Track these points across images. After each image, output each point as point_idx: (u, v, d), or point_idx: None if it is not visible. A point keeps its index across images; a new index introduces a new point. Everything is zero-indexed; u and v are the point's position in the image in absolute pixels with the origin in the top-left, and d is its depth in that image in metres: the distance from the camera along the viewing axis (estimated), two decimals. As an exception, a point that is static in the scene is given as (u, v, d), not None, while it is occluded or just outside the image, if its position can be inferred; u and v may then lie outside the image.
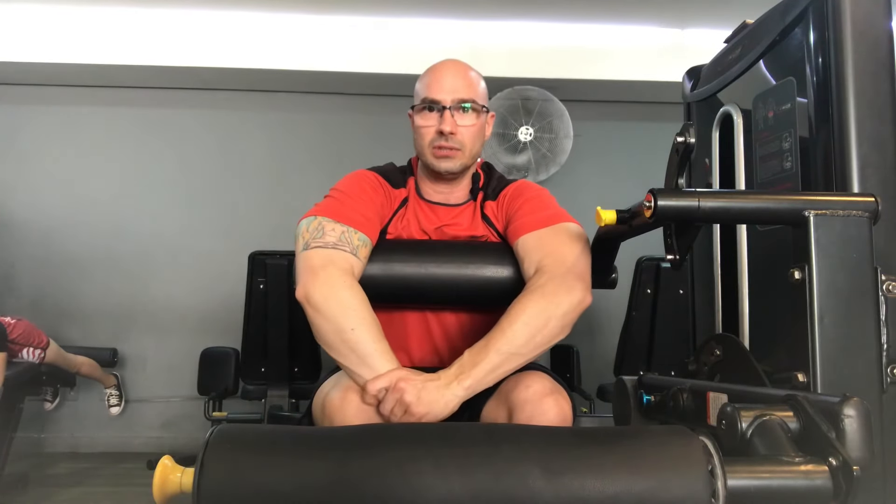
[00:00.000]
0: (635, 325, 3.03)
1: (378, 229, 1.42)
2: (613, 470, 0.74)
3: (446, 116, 1.43)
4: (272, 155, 4.22)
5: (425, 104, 1.46)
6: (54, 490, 3.15)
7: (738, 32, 1.54)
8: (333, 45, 3.87)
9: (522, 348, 1.22)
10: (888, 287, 1.01)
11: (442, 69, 1.48)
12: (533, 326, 1.23)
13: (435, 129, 1.44)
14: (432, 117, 1.45)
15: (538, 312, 1.24)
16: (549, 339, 1.26)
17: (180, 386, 3.97)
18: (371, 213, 1.41)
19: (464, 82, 1.46)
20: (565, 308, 1.26)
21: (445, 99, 1.43)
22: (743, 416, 0.82)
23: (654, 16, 3.81)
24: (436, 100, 1.44)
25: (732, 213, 1.05)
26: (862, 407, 0.79)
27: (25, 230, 4.06)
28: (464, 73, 1.48)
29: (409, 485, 0.72)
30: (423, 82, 1.48)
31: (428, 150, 1.46)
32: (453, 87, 1.45)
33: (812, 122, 1.23)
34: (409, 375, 1.20)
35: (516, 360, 1.23)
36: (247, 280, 3.03)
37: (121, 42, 3.79)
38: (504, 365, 1.22)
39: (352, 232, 1.34)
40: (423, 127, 1.46)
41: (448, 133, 1.43)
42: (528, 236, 1.39)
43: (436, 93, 1.44)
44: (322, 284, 1.26)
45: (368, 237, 1.37)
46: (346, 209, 1.38)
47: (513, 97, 4.02)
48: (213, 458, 0.75)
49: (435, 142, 1.44)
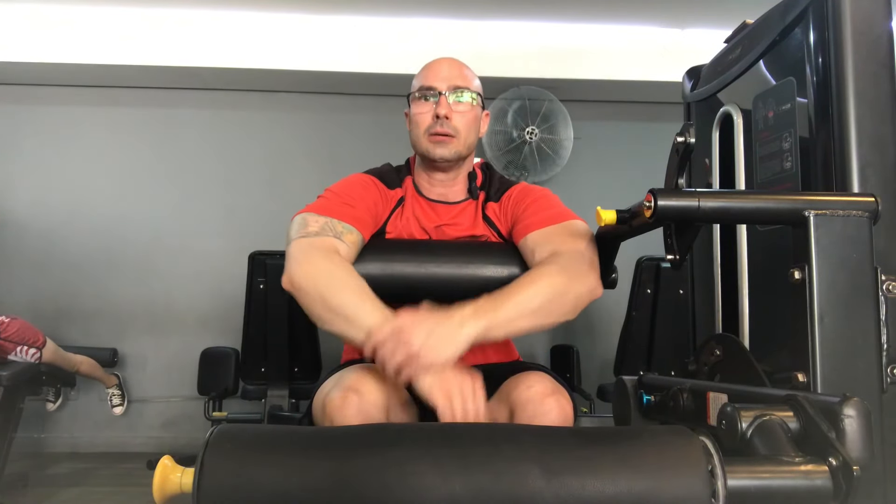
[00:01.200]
0: (635, 325, 3.03)
1: (369, 224, 1.42)
2: (613, 470, 0.74)
3: (442, 101, 1.45)
4: (272, 155, 4.22)
5: (421, 92, 1.48)
6: (54, 490, 3.15)
7: (738, 32, 1.54)
8: (333, 45, 3.88)
9: (538, 311, 1.20)
10: (888, 287, 1.01)
11: (438, 62, 1.51)
12: (551, 293, 1.21)
13: (431, 115, 1.46)
14: (428, 105, 1.47)
15: (558, 283, 1.22)
16: (560, 314, 1.23)
17: (180, 386, 3.97)
18: (360, 209, 1.40)
19: (459, 73, 1.49)
20: (581, 289, 1.25)
21: (441, 85, 1.46)
22: (743, 416, 0.82)
23: (654, 16, 3.81)
24: (432, 86, 1.46)
25: (732, 213, 1.05)
26: (862, 407, 0.79)
27: (25, 230, 4.06)
28: (459, 66, 1.51)
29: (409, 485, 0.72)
30: (419, 75, 1.52)
31: (424, 137, 1.47)
32: (449, 76, 1.47)
33: (812, 122, 1.23)
34: (413, 320, 1.12)
35: (529, 320, 1.20)
36: (247, 280, 3.03)
37: (121, 42, 3.79)
38: (518, 321, 1.19)
39: (335, 222, 1.35)
40: (418, 114, 1.48)
41: (443, 116, 1.44)
42: (537, 232, 1.39)
43: (432, 80, 1.47)
44: (302, 264, 1.26)
45: (355, 227, 1.36)
46: (331, 204, 1.39)
47: (517, 97, 4.02)
48: (213, 458, 0.75)
49: (431, 128, 1.46)
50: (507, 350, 1.56)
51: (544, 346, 3.93)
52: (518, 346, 1.60)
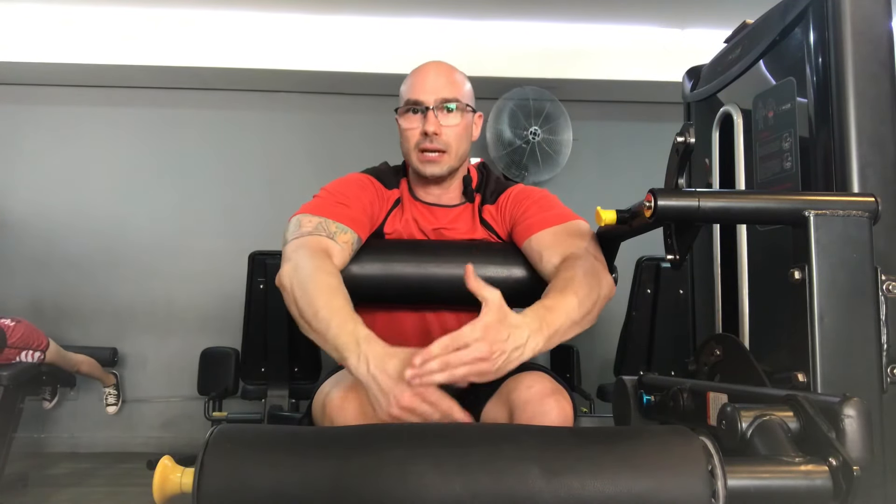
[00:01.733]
0: (635, 325, 3.03)
1: (365, 224, 1.41)
2: (613, 470, 0.74)
3: (430, 117, 1.42)
4: (272, 154, 4.22)
5: (409, 106, 1.45)
6: (54, 490, 3.15)
7: (738, 32, 1.54)
8: (333, 45, 3.87)
9: (581, 320, 1.15)
10: (888, 287, 1.01)
11: (425, 70, 1.47)
12: (588, 301, 1.17)
13: (419, 131, 1.43)
14: (416, 119, 1.44)
15: (590, 290, 1.18)
16: (592, 319, 1.19)
17: (180, 386, 3.97)
18: (356, 208, 1.39)
19: (447, 81, 1.45)
20: (605, 292, 1.23)
21: (428, 100, 1.42)
22: (743, 416, 0.82)
23: (654, 16, 3.81)
24: (419, 101, 1.43)
25: (732, 213, 1.05)
26: (862, 407, 0.79)
27: (25, 230, 4.06)
28: (447, 73, 1.47)
29: (409, 485, 0.72)
30: (407, 84, 1.48)
31: (414, 154, 1.46)
32: (435, 87, 1.43)
33: (812, 122, 1.23)
34: (489, 327, 1.02)
35: (573, 331, 1.15)
36: (247, 280, 3.03)
37: (121, 42, 3.79)
38: (566, 332, 1.14)
39: (329, 222, 1.34)
40: (407, 129, 1.46)
41: (432, 134, 1.42)
42: (542, 233, 1.38)
43: (419, 94, 1.43)
44: (290, 267, 1.25)
45: (349, 227, 1.35)
46: (326, 204, 1.38)
47: (519, 97, 4.02)
48: (213, 459, 0.75)
49: (420, 144, 1.44)
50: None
51: (544, 346, 3.92)
52: (518, 346, 1.60)
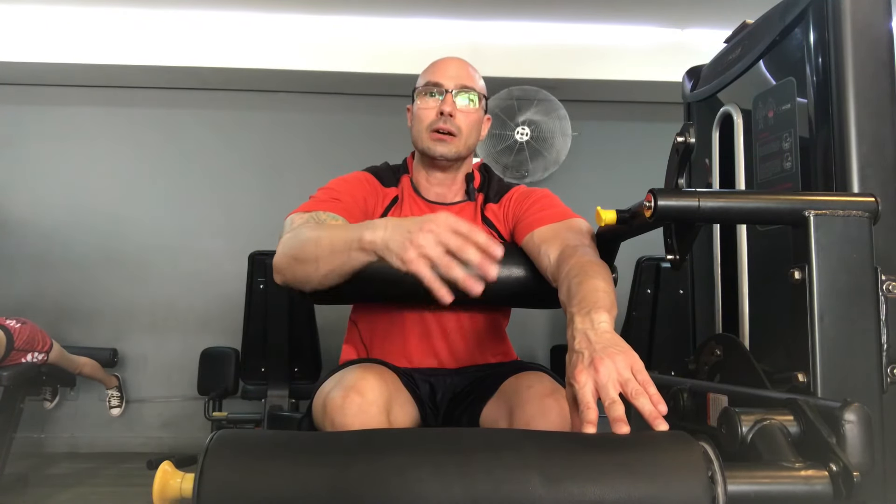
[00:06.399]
0: (635, 325, 3.03)
1: (357, 216, 1.39)
2: (613, 476, 0.73)
3: (447, 98, 1.46)
4: (272, 154, 4.22)
5: (428, 88, 1.48)
6: (54, 490, 3.15)
7: (738, 32, 1.54)
8: (333, 45, 3.87)
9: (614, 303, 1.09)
10: (888, 287, 1.01)
11: (447, 60, 1.52)
12: (612, 293, 1.11)
13: (435, 111, 1.46)
14: (433, 101, 1.47)
15: (607, 282, 1.12)
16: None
17: (180, 386, 3.97)
18: (347, 202, 1.39)
19: (467, 73, 1.50)
20: (612, 285, 1.17)
21: (448, 83, 1.47)
22: (743, 421, 0.82)
23: (654, 16, 3.81)
24: (439, 83, 1.47)
25: (732, 213, 1.04)
26: (862, 412, 0.79)
27: (25, 230, 4.06)
28: (467, 67, 1.52)
29: (410, 491, 0.72)
30: (427, 71, 1.52)
31: (426, 134, 1.47)
32: (457, 75, 1.48)
33: (812, 122, 1.23)
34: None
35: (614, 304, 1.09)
36: (247, 280, 3.03)
37: (121, 42, 3.79)
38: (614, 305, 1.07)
39: (319, 213, 1.34)
40: (423, 109, 1.48)
41: (447, 114, 1.45)
42: (543, 228, 1.39)
43: (440, 77, 1.48)
44: (280, 248, 1.23)
45: (341, 217, 1.35)
46: (317, 201, 1.39)
47: (507, 97, 4.01)
48: (214, 465, 0.75)
49: (434, 124, 1.46)
50: (505, 350, 1.56)
51: (544, 347, 3.92)
52: (518, 346, 1.60)
